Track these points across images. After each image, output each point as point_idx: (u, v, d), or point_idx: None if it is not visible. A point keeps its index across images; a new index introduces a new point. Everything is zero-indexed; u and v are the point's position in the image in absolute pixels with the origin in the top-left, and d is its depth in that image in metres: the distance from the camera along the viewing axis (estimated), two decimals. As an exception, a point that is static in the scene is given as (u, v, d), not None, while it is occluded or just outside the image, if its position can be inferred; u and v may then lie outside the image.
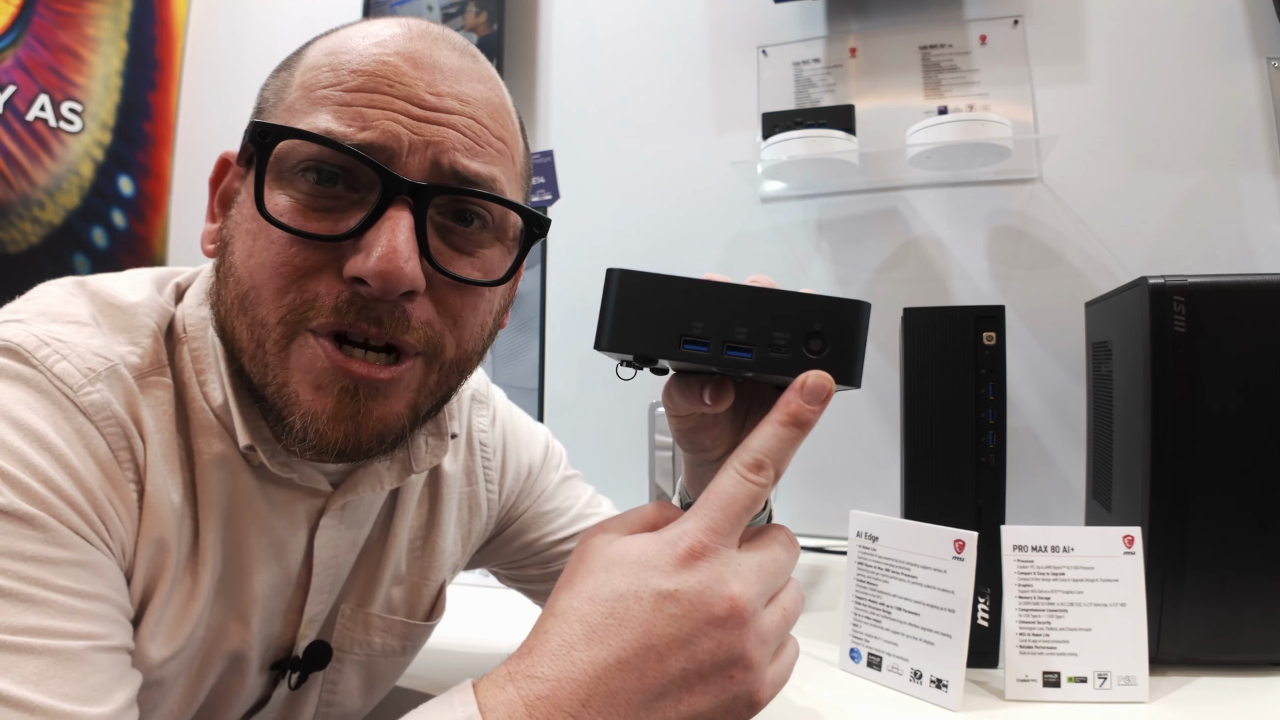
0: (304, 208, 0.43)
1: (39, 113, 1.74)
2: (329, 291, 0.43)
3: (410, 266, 0.42)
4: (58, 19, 1.77)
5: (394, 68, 0.44)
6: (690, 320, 0.39)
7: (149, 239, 1.92)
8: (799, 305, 0.39)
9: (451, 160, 0.44)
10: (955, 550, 0.66)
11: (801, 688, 0.70)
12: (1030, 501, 1.19)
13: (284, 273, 0.43)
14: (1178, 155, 1.18)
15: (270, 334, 0.43)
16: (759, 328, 0.38)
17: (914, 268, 1.32)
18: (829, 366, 0.38)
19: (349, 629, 0.58)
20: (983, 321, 0.73)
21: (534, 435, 0.71)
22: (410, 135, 0.43)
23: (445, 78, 0.45)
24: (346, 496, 0.53)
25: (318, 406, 0.43)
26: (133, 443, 0.44)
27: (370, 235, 0.42)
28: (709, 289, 0.39)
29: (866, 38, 1.36)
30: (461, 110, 0.45)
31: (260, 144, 0.43)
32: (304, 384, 0.43)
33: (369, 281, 0.41)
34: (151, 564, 0.45)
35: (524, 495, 0.68)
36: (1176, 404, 0.70)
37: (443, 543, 0.62)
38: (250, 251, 0.44)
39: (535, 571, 0.68)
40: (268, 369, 0.44)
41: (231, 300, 0.45)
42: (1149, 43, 1.20)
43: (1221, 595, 0.70)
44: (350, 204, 0.43)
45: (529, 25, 1.62)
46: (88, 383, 0.43)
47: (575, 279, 1.39)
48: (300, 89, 0.45)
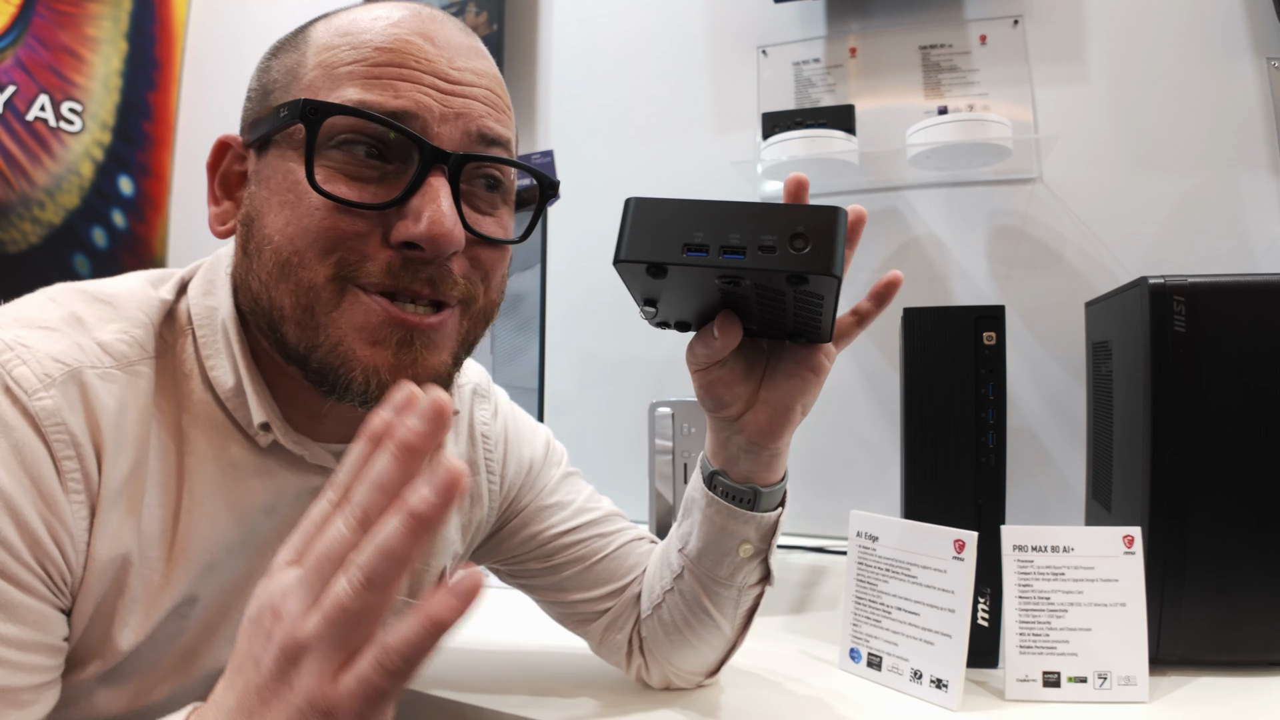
0: (345, 176, 0.45)
1: (39, 113, 1.74)
2: (378, 255, 0.45)
3: (457, 230, 0.46)
4: (58, 19, 1.77)
5: (416, 45, 0.47)
6: (691, 231, 0.45)
7: (149, 239, 1.92)
8: (783, 212, 0.45)
9: (480, 125, 0.48)
10: (955, 550, 0.66)
11: (802, 687, 0.71)
12: (1030, 501, 1.19)
13: (330, 236, 0.45)
14: (1178, 155, 1.18)
15: (319, 294, 0.45)
16: (749, 232, 0.44)
17: (914, 268, 1.32)
18: (812, 260, 0.44)
19: None
20: (983, 321, 0.73)
21: (535, 432, 0.72)
22: (441, 107, 0.46)
23: (460, 53, 0.48)
24: None
25: (378, 360, 0.46)
26: (81, 452, 0.43)
27: (416, 202, 0.45)
28: (707, 206, 0.46)
29: (866, 38, 1.36)
30: (479, 83, 0.49)
31: (311, 120, 0.44)
32: (359, 340, 0.46)
33: (422, 245, 0.45)
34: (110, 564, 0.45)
35: (526, 489, 0.69)
36: (1176, 404, 0.70)
37: (446, 530, 0.63)
38: (288, 220, 0.45)
39: (537, 566, 0.69)
40: (319, 329, 0.46)
41: (269, 271, 0.46)
42: (1149, 43, 1.20)
43: (1221, 595, 0.70)
44: (387, 174, 0.46)
45: (529, 25, 1.62)
46: (42, 388, 0.43)
47: (575, 279, 1.39)
48: (319, 68, 0.47)
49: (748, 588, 0.63)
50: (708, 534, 0.61)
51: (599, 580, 0.68)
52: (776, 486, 0.60)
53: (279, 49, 0.51)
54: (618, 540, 0.69)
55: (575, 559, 0.68)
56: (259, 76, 0.51)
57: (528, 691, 0.69)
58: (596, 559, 0.68)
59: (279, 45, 0.51)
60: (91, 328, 0.47)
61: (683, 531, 0.63)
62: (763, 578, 0.63)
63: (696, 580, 0.62)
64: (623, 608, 0.68)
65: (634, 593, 0.68)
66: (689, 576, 0.62)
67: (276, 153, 0.47)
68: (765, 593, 0.64)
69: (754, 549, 0.61)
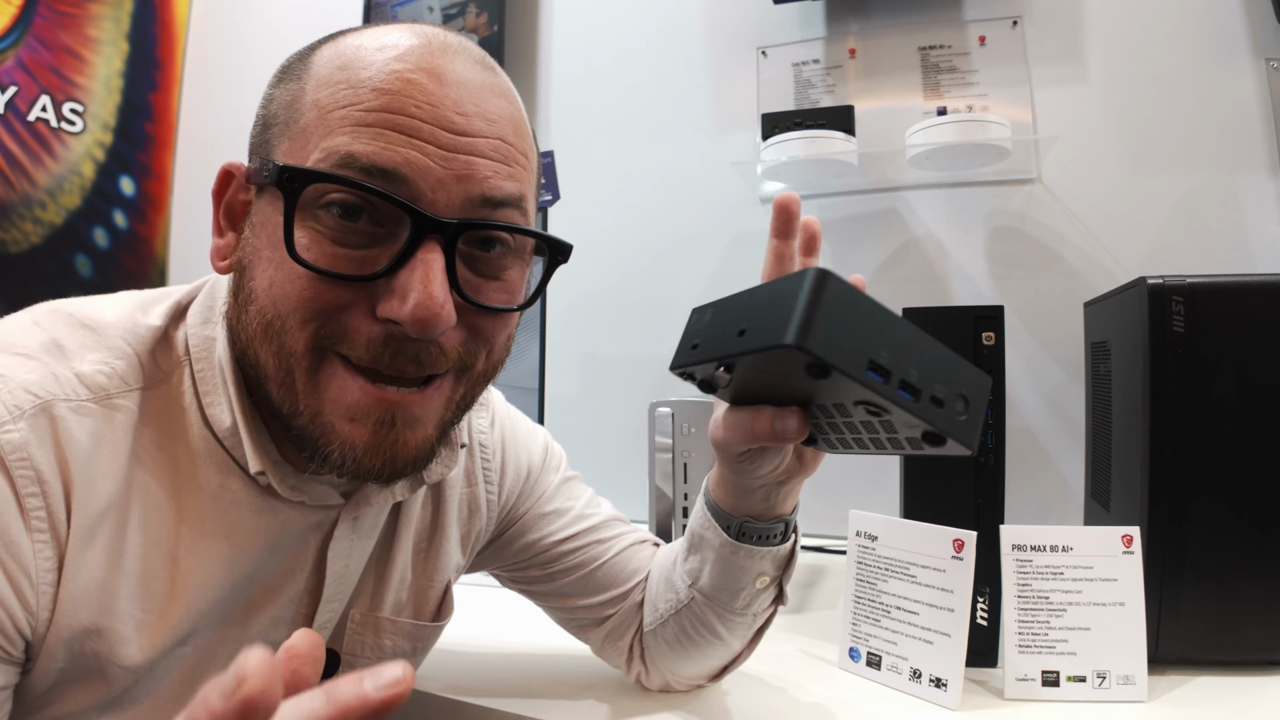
0: (330, 242, 0.42)
1: (40, 113, 1.74)
2: (361, 329, 0.43)
3: (446, 310, 0.42)
4: (59, 20, 1.77)
5: (419, 86, 0.42)
6: (880, 348, 0.38)
7: (150, 239, 1.93)
8: (956, 366, 0.40)
9: (482, 189, 0.44)
10: (954, 550, 0.66)
11: (802, 687, 0.71)
12: (1029, 501, 1.19)
13: (311, 307, 0.42)
14: (1177, 155, 1.18)
15: (299, 363, 0.43)
16: (927, 375, 0.39)
17: (913, 268, 1.32)
18: (964, 429, 0.39)
19: (359, 634, 0.58)
20: (982, 321, 0.73)
21: (533, 436, 0.71)
22: (439, 169, 0.42)
23: (471, 95, 0.44)
24: (359, 509, 0.53)
25: (354, 436, 0.43)
26: (47, 490, 0.42)
27: (403, 277, 0.42)
28: (896, 324, 0.40)
29: (866, 38, 1.36)
30: (489, 131, 0.44)
31: (288, 189, 0.41)
32: (337, 415, 0.43)
33: (406, 327, 0.42)
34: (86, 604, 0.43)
35: (524, 496, 0.68)
36: (1175, 404, 0.70)
37: (446, 545, 0.62)
38: (273, 281, 0.43)
39: (537, 573, 0.68)
40: (299, 398, 0.44)
41: (255, 328, 0.44)
42: (1148, 43, 1.21)
43: (1220, 595, 0.70)
44: (377, 239, 0.43)
45: (529, 26, 1.62)
46: (10, 420, 0.41)
47: (575, 279, 1.39)
48: (314, 109, 0.43)
49: (761, 611, 0.62)
50: (721, 571, 0.59)
51: (599, 587, 0.67)
52: (792, 515, 0.59)
53: (284, 74, 0.48)
54: (617, 546, 0.69)
55: (574, 566, 0.67)
56: (263, 103, 0.48)
57: (527, 692, 0.69)
58: (596, 565, 0.67)
59: (284, 69, 0.48)
60: (71, 357, 0.45)
61: (690, 567, 0.61)
62: (776, 598, 0.62)
63: (711, 612, 0.61)
64: (624, 615, 0.68)
65: (636, 600, 0.68)
66: (702, 608, 0.61)
67: (269, 202, 0.44)
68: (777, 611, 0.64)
69: (770, 578, 0.60)
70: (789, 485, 0.55)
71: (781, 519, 0.57)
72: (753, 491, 0.55)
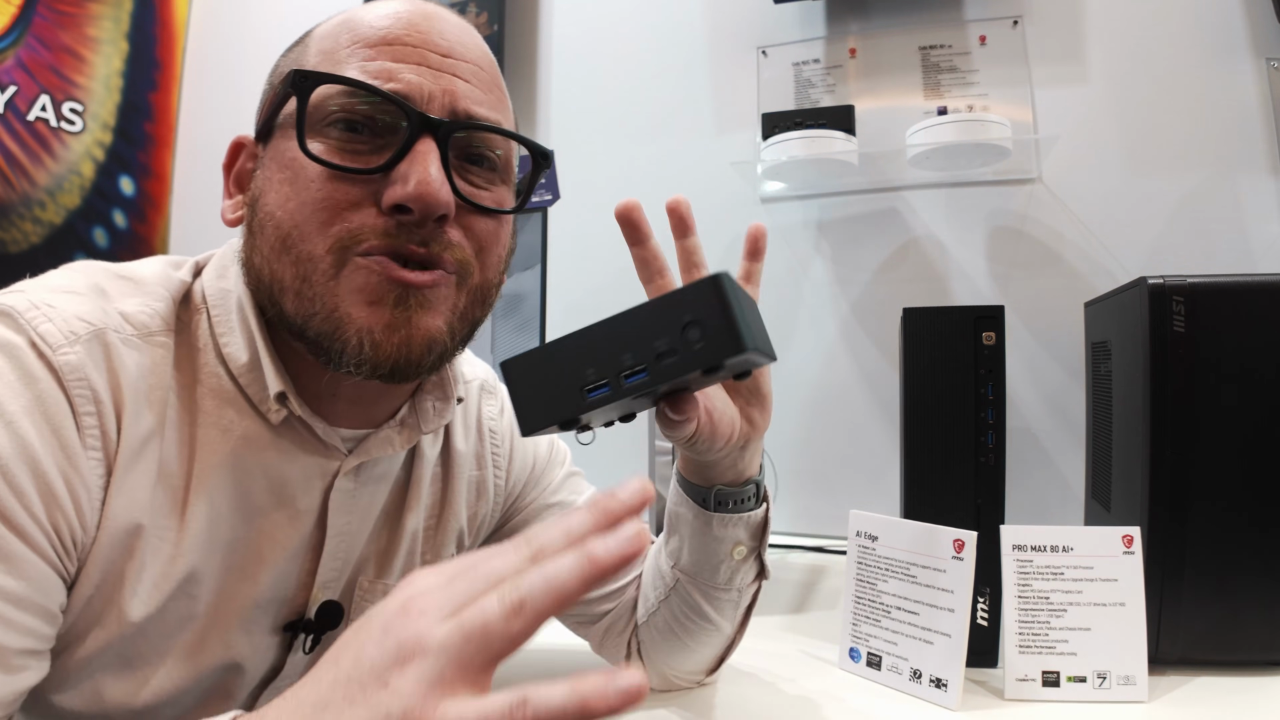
0: (337, 150, 0.47)
1: (40, 113, 1.74)
2: (373, 222, 0.46)
3: (444, 191, 0.46)
4: (59, 19, 1.77)
5: (407, 19, 0.49)
6: (583, 370, 0.40)
7: (150, 239, 1.92)
8: (663, 307, 0.40)
9: (466, 107, 0.49)
10: (955, 550, 0.66)
11: (802, 687, 0.71)
12: (1030, 501, 1.19)
13: (326, 207, 0.46)
14: (1177, 155, 1.18)
15: (319, 265, 0.46)
16: (640, 346, 0.40)
17: (914, 268, 1.32)
18: (717, 345, 0.39)
19: (367, 599, 0.59)
20: (982, 321, 0.73)
21: None
22: (430, 85, 0.48)
23: (453, 29, 0.51)
24: (360, 458, 0.54)
25: (372, 320, 0.46)
26: (102, 410, 0.44)
27: (404, 166, 0.46)
28: (582, 336, 0.41)
29: (866, 38, 1.36)
30: (467, 56, 0.50)
31: (301, 87, 0.46)
32: (357, 303, 0.46)
33: (410, 205, 0.45)
34: (123, 527, 0.45)
35: (530, 486, 0.70)
36: (1175, 404, 0.70)
37: (454, 522, 0.63)
38: (288, 195, 0.47)
39: None
40: (316, 299, 0.46)
41: (271, 245, 0.48)
42: (1149, 43, 1.21)
43: (1220, 595, 0.70)
44: (378, 146, 0.47)
45: (529, 25, 1.62)
46: (67, 344, 0.44)
47: (575, 279, 1.39)
48: (319, 54, 0.49)
49: (745, 587, 0.63)
50: (699, 544, 0.61)
51: None
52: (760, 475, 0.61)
53: (289, 48, 0.53)
54: None
55: None
56: (269, 76, 0.53)
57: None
58: None
59: (290, 46, 0.54)
60: (114, 298, 0.48)
61: (671, 548, 0.63)
62: (758, 573, 0.63)
63: (695, 590, 0.62)
64: (621, 611, 0.68)
65: (631, 596, 0.68)
66: (686, 587, 0.63)
67: (279, 135, 0.49)
68: (763, 588, 0.65)
69: (748, 548, 0.61)
70: (749, 447, 0.58)
71: (751, 480, 0.60)
72: (719, 463, 0.58)
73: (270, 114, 0.50)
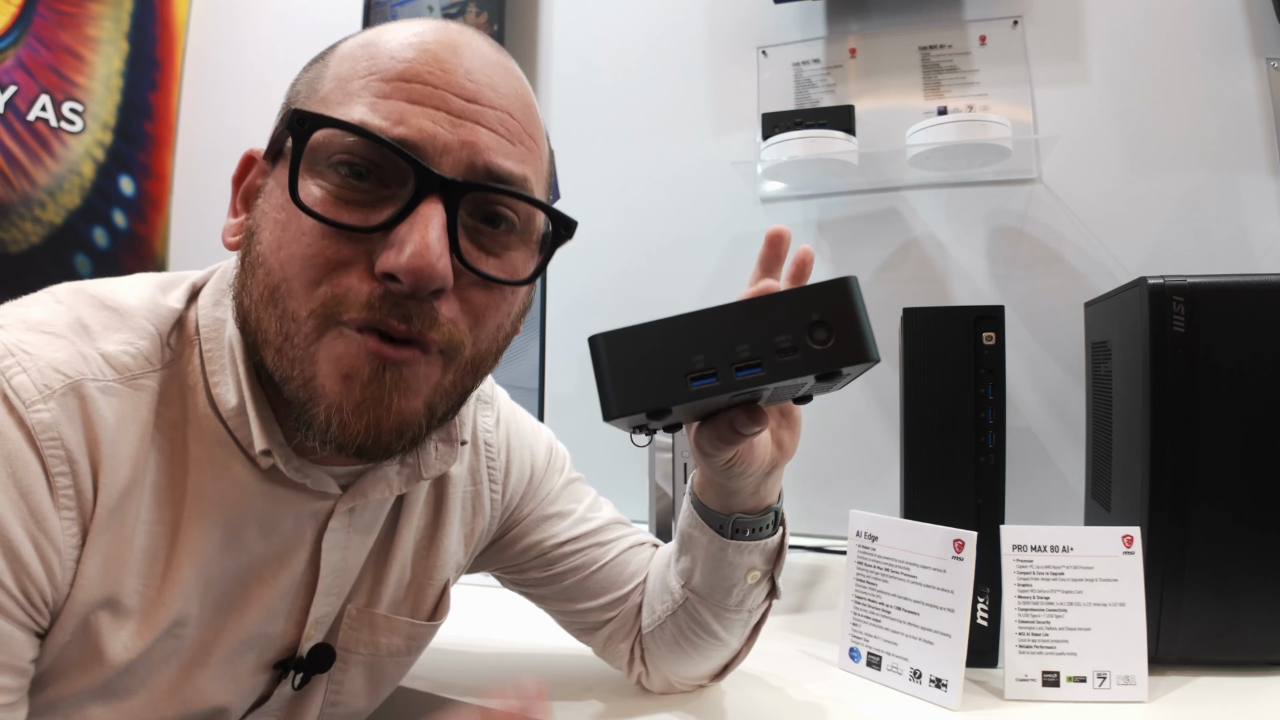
0: (335, 199, 0.43)
1: (40, 113, 1.74)
2: (360, 286, 0.42)
3: (441, 264, 0.42)
4: (59, 19, 1.77)
5: (432, 54, 0.44)
6: (690, 356, 0.37)
7: (150, 239, 1.92)
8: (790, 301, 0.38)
9: (486, 160, 0.44)
10: (955, 550, 0.66)
11: (802, 687, 0.71)
12: (1030, 501, 1.19)
13: (316, 264, 0.42)
14: (1177, 155, 1.18)
15: (301, 327, 0.43)
16: (759, 339, 0.37)
17: (914, 268, 1.32)
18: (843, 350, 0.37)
19: (355, 629, 0.58)
20: (982, 321, 0.73)
21: (537, 437, 0.71)
22: (447, 135, 0.43)
23: (482, 66, 0.45)
24: (355, 500, 0.53)
25: (343, 396, 0.43)
26: (76, 469, 0.42)
27: (402, 229, 0.42)
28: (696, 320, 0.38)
29: (866, 38, 1.36)
30: (497, 103, 0.45)
31: (297, 131, 0.42)
32: (332, 375, 0.43)
33: (400, 278, 0.41)
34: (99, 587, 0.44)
35: (528, 498, 0.68)
36: (1175, 404, 0.70)
37: (447, 543, 0.62)
38: (280, 242, 0.43)
39: (537, 575, 0.68)
40: (294, 363, 0.43)
41: (260, 292, 0.44)
42: (1149, 43, 1.21)
43: (1220, 595, 0.70)
44: (382, 198, 0.43)
45: (529, 25, 1.62)
46: (41, 400, 0.42)
47: (575, 279, 1.39)
48: (335, 80, 0.45)
49: (756, 606, 0.63)
50: (712, 568, 0.60)
51: (599, 590, 0.67)
52: (779, 503, 0.60)
53: (310, 62, 0.49)
54: (616, 548, 0.69)
55: (574, 568, 0.67)
56: (289, 89, 0.50)
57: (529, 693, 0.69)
58: (595, 568, 0.67)
59: (313, 58, 0.50)
60: (96, 337, 0.46)
61: (683, 567, 0.62)
62: (770, 592, 0.63)
63: (705, 610, 0.62)
64: (624, 618, 0.68)
65: (635, 603, 0.68)
66: (696, 606, 0.62)
67: (280, 166, 0.46)
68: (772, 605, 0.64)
69: (762, 572, 0.60)
70: (774, 474, 0.57)
71: (771, 508, 0.59)
72: (742, 489, 0.56)
73: (278, 139, 0.46)
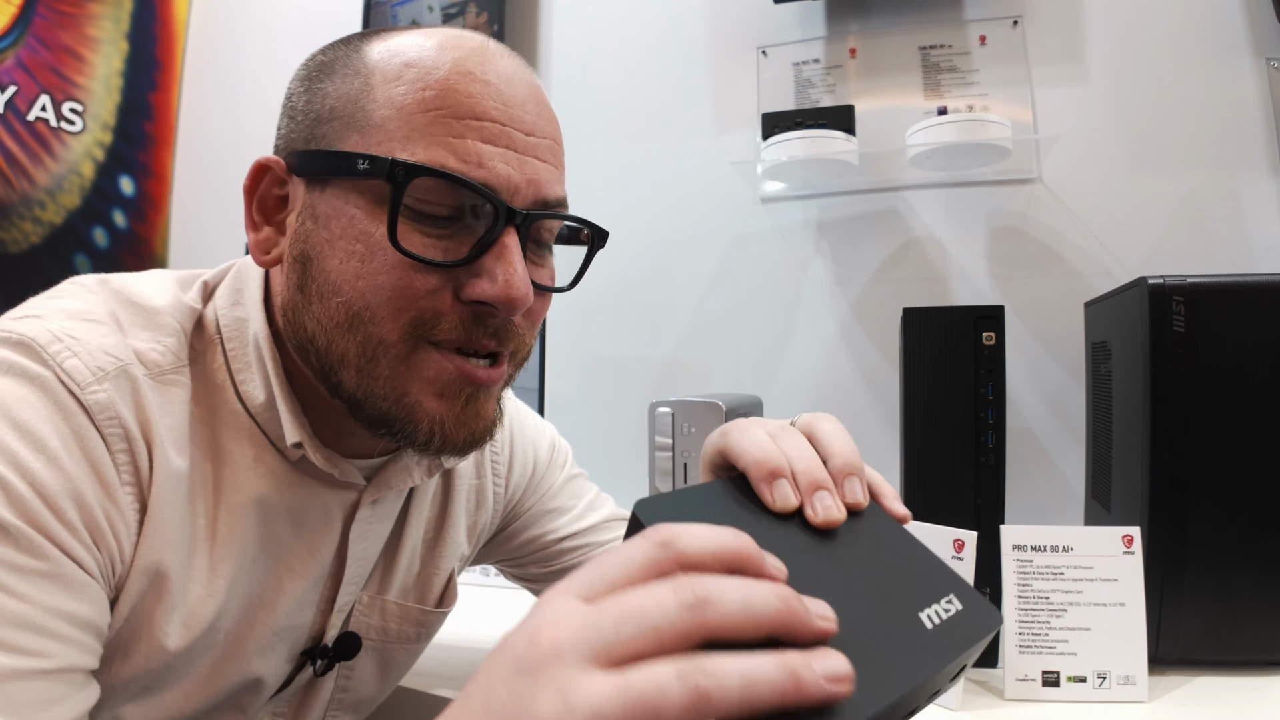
0: (419, 234, 0.45)
1: (40, 113, 1.74)
2: (450, 311, 0.46)
3: (527, 287, 0.46)
4: (59, 19, 1.77)
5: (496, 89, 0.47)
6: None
7: (150, 239, 1.92)
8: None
9: (546, 194, 0.48)
10: (955, 550, 0.66)
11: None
12: (1029, 501, 1.19)
13: (406, 295, 0.45)
14: (1178, 155, 1.18)
15: (389, 350, 0.46)
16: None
17: (914, 268, 1.32)
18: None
19: (366, 615, 0.59)
20: (982, 321, 0.73)
21: (540, 432, 0.72)
22: (517, 176, 0.46)
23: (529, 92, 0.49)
24: (381, 490, 0.54)
25: (443, 412, 0.47)
26: (134, 447, 0.44)
27: (489, 261, 0.45)
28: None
29: (866, 38, 1.36)
30: (546, 131, 0.49)
31: (398, 180, 0.44)
32: (427, 393, 0.46)
33: (496, 305, 0.45)
34: (155, 568, 0.45)
35: (529, 492, 0.69)
36: (1175, 404, 0.70)
37: (453, 534, 0.63)
38: (358, 272, 0.45)
39: (537, 570, 0.69)
40: (383, 380, 0.46)
41: (334, 319, 0.46)
42: (1149, 43, 1.20)
43: (1220, 595, 0.70)
44: (459, 230, 0.46)
45: (529, 26, 1.62)
46: (95, 381, 0.43)
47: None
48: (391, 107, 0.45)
49: None
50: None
51: None
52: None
53: (328, 70, 0.48)
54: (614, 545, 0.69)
55: (574, 565, 0.68)
56: (308, 98, 0.48)
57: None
58: None
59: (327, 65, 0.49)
60: (127, 333, 0.47)
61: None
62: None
63: None
64: None
65: None
66: None
67: (339, 195, 0.46)
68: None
69: None
70: None
71: None
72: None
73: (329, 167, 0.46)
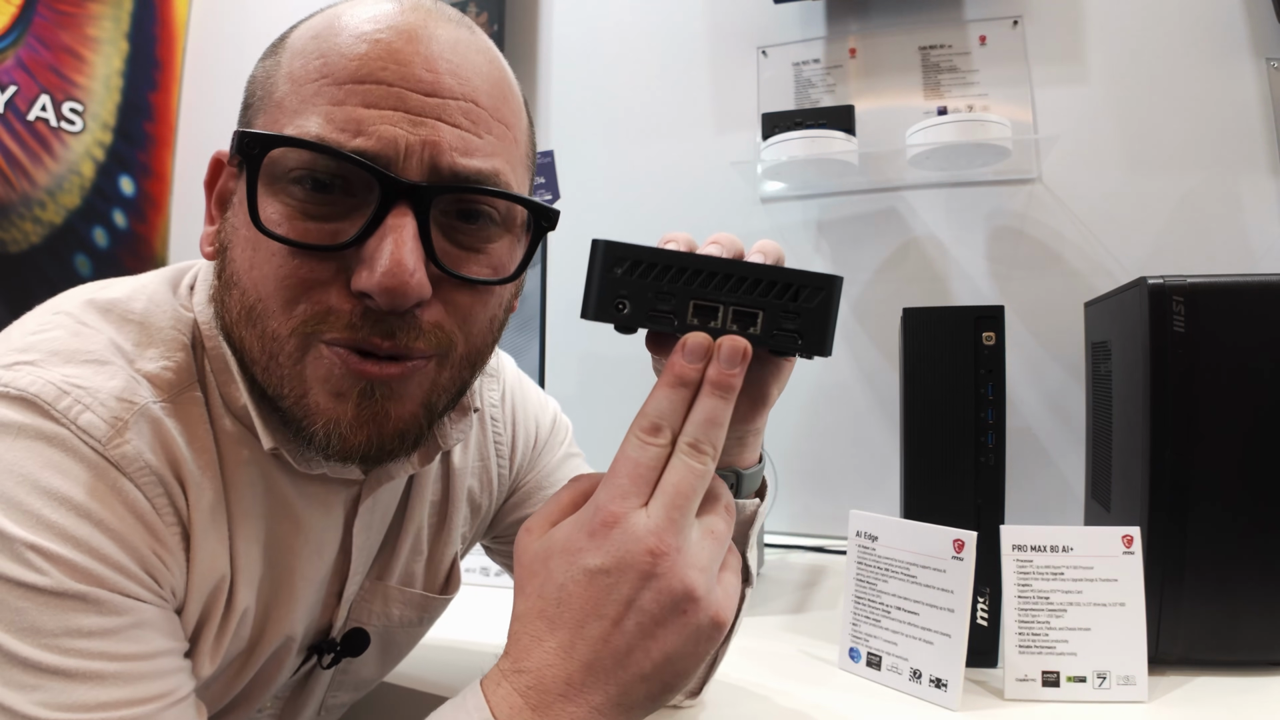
0: (302, 214, 0.41)
1: (40, 113, 1.74)
2: (340, 305, 0.41)
3: (416, 279, 0.40)
4: (59, 19, 1.77)
5: (385, 46, 0.41)
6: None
7: (150, 239, 1.93)
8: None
9: (450, 162, 0.41)
10: (954, 550, 0.66)
11: (802, 687, 0.71)
12: (1030, 501, 1.19)
13: (290, 284, 0.41)
14: (1177, 155, 1.18)
15: (283, 346, 0.42)
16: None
17: (914, 268, 1.32)
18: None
19: (367, 601, 0.58)
20: (982, 321, 0.73)
21: (543, 407, 0.71)
22: (407, 136, 0.40)
23: (442, 50, 0.42)
24: (381, 482, 0.53)
25: (339, 413, 0.42)
26: (170, 490, 0.43)
27: (372, 245, 0.40)
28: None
29: (866, 38, 1.36)
30: (458, 91, 0.42)
31: (248, 155, 0.40)
32: (323, 393, 0.42)
33: (375, 298, 0.40)
34: (204, 597, 0.45)
35: (529, 468, 0.69)
36: (1175, 404, 0.70)
37: (456, 518, 0.62)
38: (251, 262, 0.42)
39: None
40: (284, 380, 0.43)
41: (238, 311, 0.43)
42: (1149, 43, 1.21)
43: (1220, 595, 0.70)
44: (349, 208, 0.41)
45: (529, 25, 1.62)
46: (116, 434, 0.41)
47: (575, 279, 1.38)
48: (289, 81, 0.42)
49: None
50: None
51: None
52: (756, 468, 0.54)
53: (266, 51, 0.47)
54: None
55: None
56: (247, 83, 0.47)
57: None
58: None
59: (268, 47, 0.48)
60: (134, 358, 0.44)
61: None
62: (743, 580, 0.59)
63: None
64: None
65: None
66: None
67: (239, 179, 0.43)
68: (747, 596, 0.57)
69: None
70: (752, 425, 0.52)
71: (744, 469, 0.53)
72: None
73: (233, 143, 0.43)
